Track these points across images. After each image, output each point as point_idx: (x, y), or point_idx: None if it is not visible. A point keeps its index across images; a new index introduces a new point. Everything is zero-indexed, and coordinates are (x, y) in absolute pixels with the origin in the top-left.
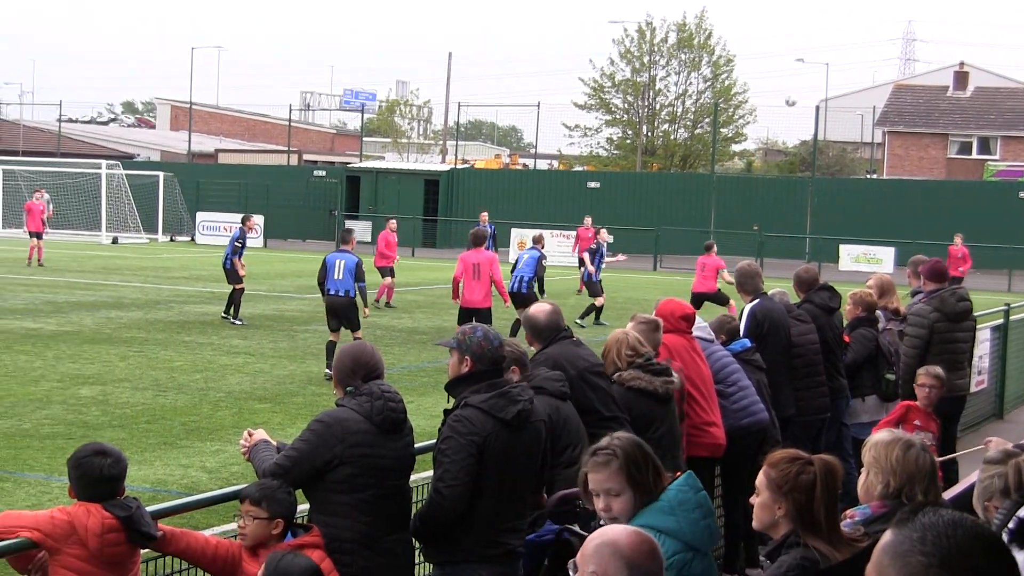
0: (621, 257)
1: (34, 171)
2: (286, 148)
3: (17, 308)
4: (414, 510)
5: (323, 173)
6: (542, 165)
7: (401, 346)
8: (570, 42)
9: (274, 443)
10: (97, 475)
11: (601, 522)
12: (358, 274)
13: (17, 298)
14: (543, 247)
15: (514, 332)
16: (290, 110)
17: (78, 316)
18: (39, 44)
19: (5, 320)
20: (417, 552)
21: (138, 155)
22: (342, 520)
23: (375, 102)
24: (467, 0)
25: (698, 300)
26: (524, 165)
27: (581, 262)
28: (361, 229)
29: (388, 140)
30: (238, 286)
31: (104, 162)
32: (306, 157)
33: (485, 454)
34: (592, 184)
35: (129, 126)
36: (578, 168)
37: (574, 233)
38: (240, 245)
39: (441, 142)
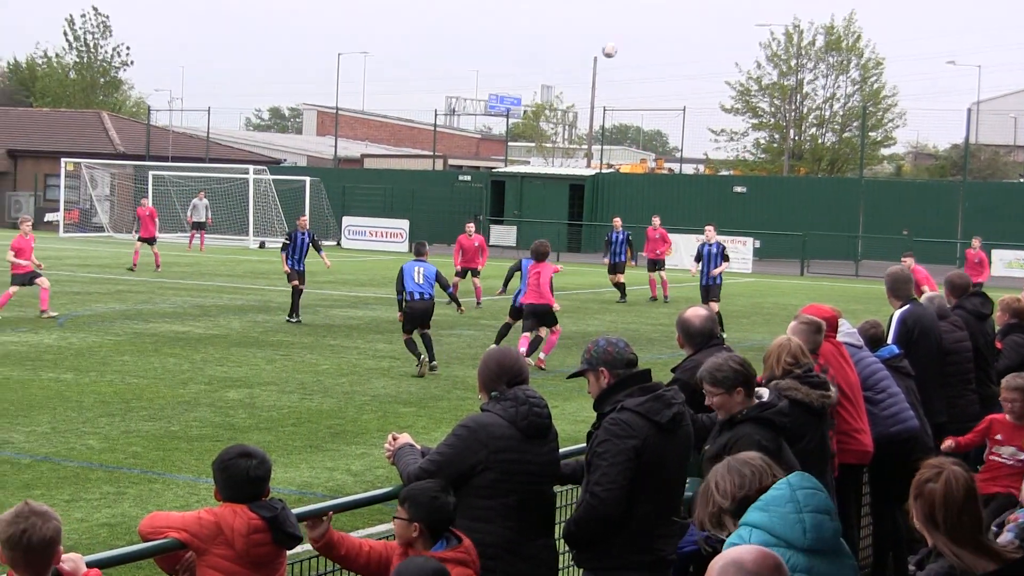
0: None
1: (183, 176)
2: (431, 153)
3: (166, 312)
4: (558, 516)
5: (468, 178)
6: (688, 169)
7: (561, 350)
8: (716, 45)
9: (418, 447)
10: (243, 476)
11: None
12: (442, 281)
13: (166, 302)
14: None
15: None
16: (435, 115)
17: (226, 320)
18: (188, 51)
19: (154, 323)
20: (563, 557)
21: (285, 160)
22: (486, 525)
23: (520, 107)
24: (613, 4)
25: None
26: (669, 170)
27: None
28: (506, 234)
29: (533, 145)
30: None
31: (251, 167)
32: (451, 162)
33: (642, 458)
34: (738, 189)
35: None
36: (724, 172)
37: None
38: (289, 242)
39: (586, 146)
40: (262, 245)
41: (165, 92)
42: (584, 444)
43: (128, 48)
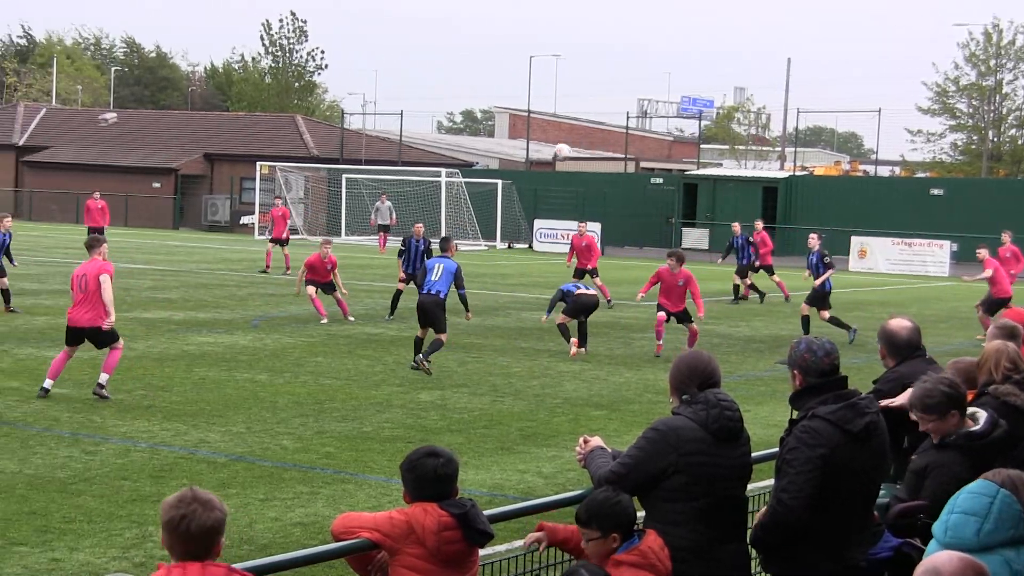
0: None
1: (376, 179)
2: (623, 156)
3: (359, 314)
4: (751, 520)
5: (660, 180)
6: (883, 172)
7: (738, 354)
8: (912, 46)
9: (609, 450)
10: (431, 475)
11: None
12: (458, 280)
13: (359, 304)
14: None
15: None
16: (627, 118)
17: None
18: (381, 55)
19: (348, 325)
20: (754, 563)
21: (477, 163)
22: (676, 528)
23: (712, 109)
24: (807, 5)
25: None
26: (864, 172)
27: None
28: (699, 237)
29: (725, 147)
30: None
31: (444, 170)
32: (643, 164)
33: (831, 466)
34: (935, 191)
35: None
36: (921, 175)
37: (916, 243)
38: (404, 248)
39: (779, 149)
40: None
41: (358, 96)
42: (776, 449)
43: (323, 52)
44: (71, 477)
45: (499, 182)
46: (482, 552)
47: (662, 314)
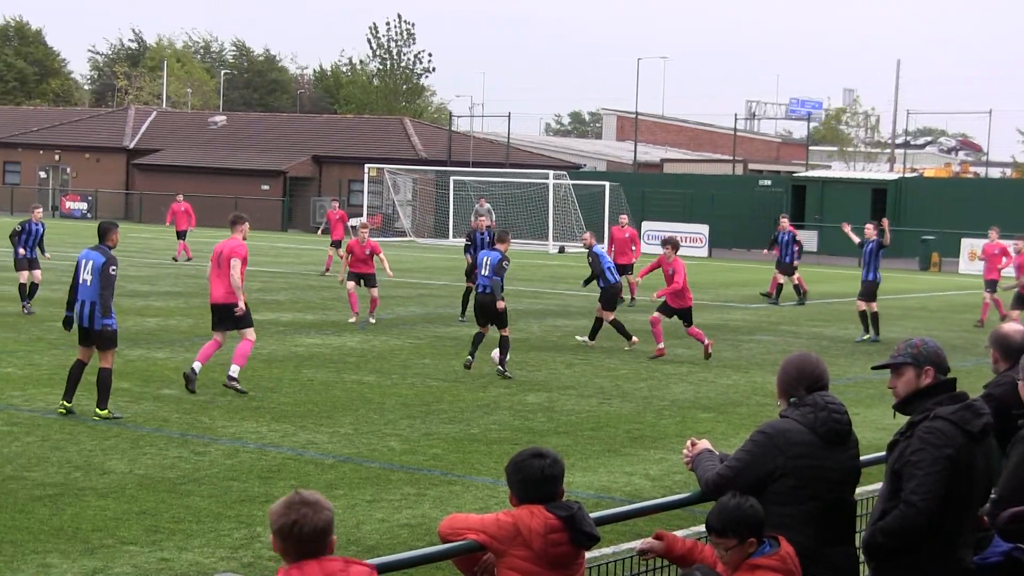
0: None
1: (484, 182)
2: (731, 157)
3: (467, 315)
4: (859, 524)
5: (768, 182)
6: (994, 173)
7: (847, 357)
8: None
9: (717, 453)
10: (538, 476)
11: None
12: (497, 269)
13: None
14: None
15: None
16: (735, 119)
17: (525, 324)
18: (488, 57)
19: (455, 327)
20: (862, 566)
21: (584, 165)
22: (785, 532)
23: (821, 110)
24: (916, 5)
25: None
26: (975, 173)
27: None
28: (807, 239)
29: (834, 149)
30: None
31: (551, 172)
32: (751, 166)
33: (955, 468)
34: None
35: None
36: None
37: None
38: (469, 242)
39: (889, 150)
40: (561, 250)
41: (466, 98)
42: (884, 452)
43: (431, 55)
44: (180, 477)
45: (607, 184)
46: (588, 555)
47: (656, 315)
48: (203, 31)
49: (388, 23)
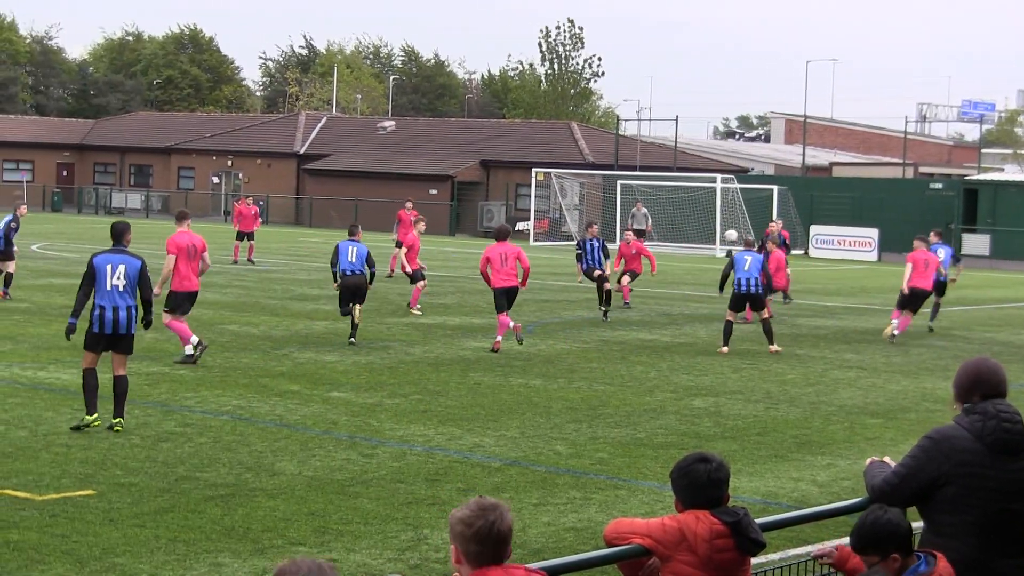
0: None
1: (651, 185)
2: (901, 161)
3: (633, 320)
4: None
5: (940, 186)
6: None
7: (1020, 363)
8: None
9: (891, 464)
10: (704, 480)
11: None
12: (370, 260)
13: (633, 309)
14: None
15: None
16: (906, 122)
17: (692, 328)
18: (656, 60)
19: (621, 331)
20: None
21: (752, 169)
22: (949, 541)
23: (994, 112)
24: None
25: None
26: None
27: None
28: (979, 243)
29: (1008, 151)
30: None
31: (719, 176)
32: (922, 170)
33: None
34: None
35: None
36: None
37: None
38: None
39: None
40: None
41: (633, 102)
42: None
43: (600, 59)
44: (348, 479)
45: (775, 188)
46: (754, 561)
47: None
48: (373, 36)
49: (558, 27)
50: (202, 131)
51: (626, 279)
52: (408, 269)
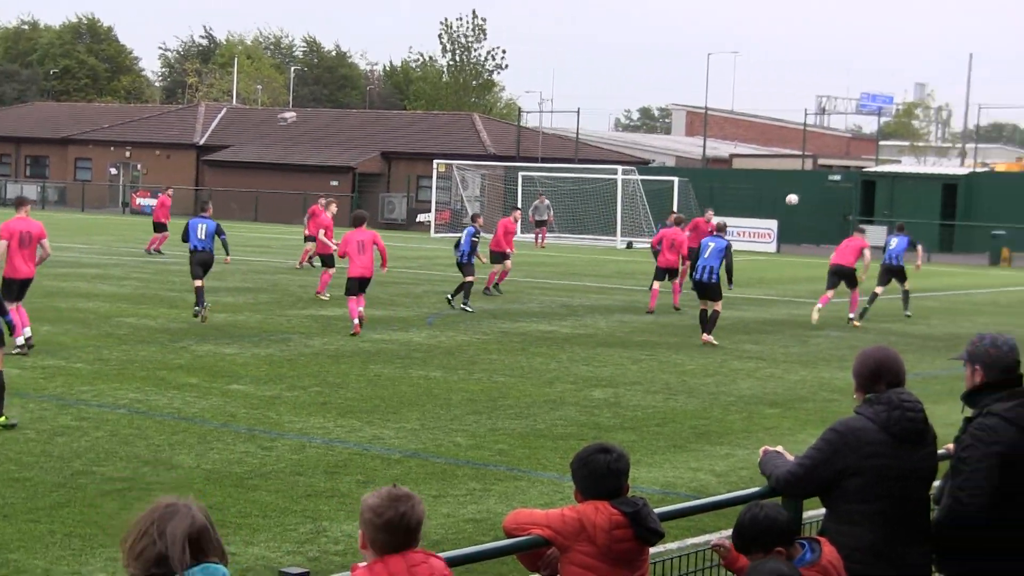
0: None
1: (552, 177)
2: (801, 153)
3: (533, 311)
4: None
5: (838, 178)
6: None
7: (915, 352)
8: None
9: (789, 456)
10: (604, 470)
11: None
12: (219, 230)
13: (533, 301)
14: (726, 235)
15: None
16: (805, 115)
17: (592, 320)
18: (557, 52)
19: (522, 322)
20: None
21: (653, 160)
22: (854, 528)
23: (892, 105)
24: None
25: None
26: None
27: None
28: (877, 234)
29: (905, 144)
30: (471, 278)
31: (620, 168)
32: (821, 162)
33: (1008, 464)
34: None
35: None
36: None
37: None
38: (476, 242)
39: (960, 145)
40: (629, 245)
41: (535, 94)
42: (951, 447)
43: (503, 51)
44: (247, 472)
45: (675, 179)
46: (653, 551)
47: None
48: (274, 27)
49: (460, 19)
50: (100, 122)
51: (498, 266)
52: (316, 261)
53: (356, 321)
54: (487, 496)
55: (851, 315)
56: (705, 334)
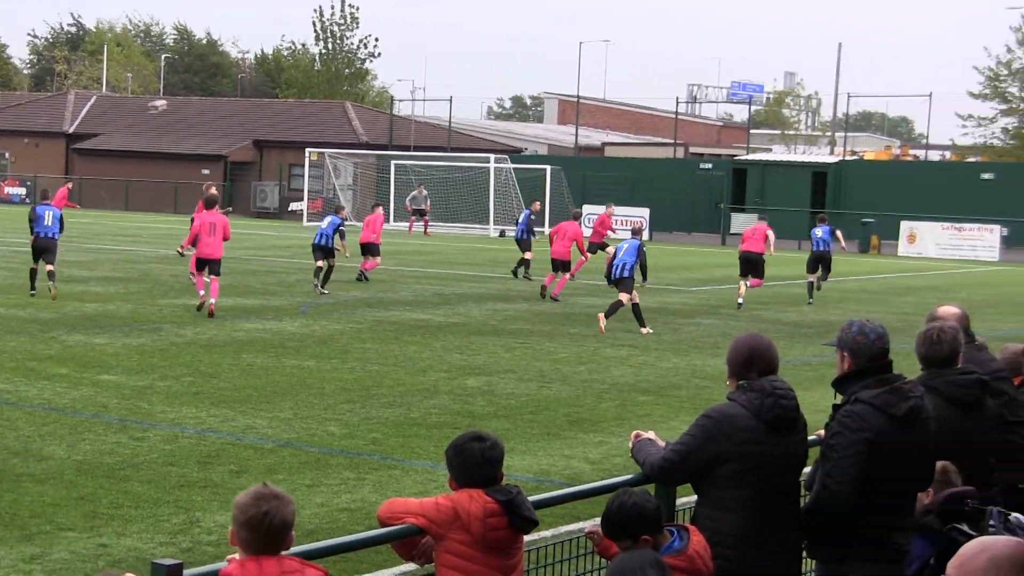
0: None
1: (425, 166)
2: (672, 141)
3: (407, 300)
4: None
5: (710, 166)
6: (934, 156)
7: (786, 339)
8: (964, 29)
9: (661, 443)
10: (478, 459)
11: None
12: (61, 221)
13: (407, 290)
14: (641, 237)
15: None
16: (676, 103)
17: (466, 308)
18: (430, 41)
19: (395, 311)
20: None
21: (526, 149)
22: (727, 514)
23: (763, 94)
24: None
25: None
26: (915, 156)
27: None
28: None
29: (776, 132)
30: (333, 262)
31: (492, 156)
32: (692, 150)
33: (875, 451)
34: (986, 175)
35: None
36: (972, 159)
37: (966, 227)
38: (342, 232)
39: (829, 134)
40: (502, 234)
41: (408, 82)
42: (822, 433)
43: (376, 40)
44: (119, 463)
45: (548, 168)
46: (527, 538)
47: None
48: (144, 14)
49: (332, 7)
50: None
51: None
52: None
53: (202, 292)
54: (361, 485)
55: (739, 300)
56: (603, 315)
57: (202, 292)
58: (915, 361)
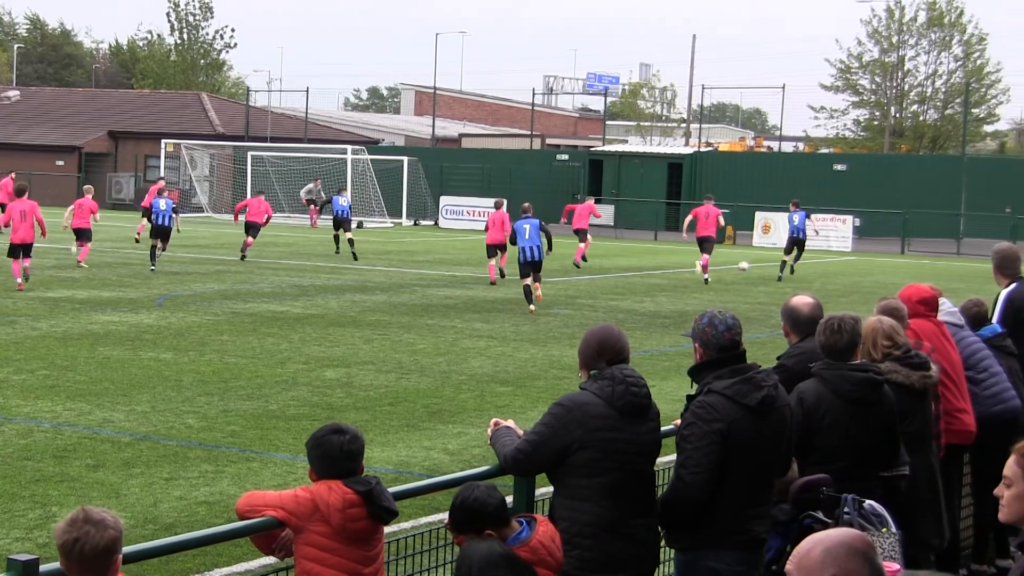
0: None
1: (282, 157)
2: (529, 132)
3: (264, 292)
4: (659, 495)
5: (566, 157)
6: (787, 148)
7: (643, 330)
8: (816, 22)
9: (519, 432)
10: (336, 452)
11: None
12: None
13: (264, 281)
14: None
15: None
16: (533, 94)
17: (323, 300)
18: (286, 31)
19: (253, 303)
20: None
21: (383, 140)
22: (583, 504)
23: (618, 85)
24: None
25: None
26: (769, 148)
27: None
28: (604, 213)
29: (631, 123)
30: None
31: (350, 147)
32: (549, 141)
33: (729, 440)
34: (839, 166)
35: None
36: (824, 150)
37: (820, 218)
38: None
39: (684, 125)
40: (360, 225)
41: (264, 73)
42: (679, 423)
43: (233, 30)
44: None
45: (405, 159)
46: (387, 529)
47: None
48: None
49: None
50: None
51: (249, 238)
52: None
53: (19, 280)
54: (220, 478)
55: (697, 270)
56: (532, 306)
57: (19, 279)
58: (770, 350)
